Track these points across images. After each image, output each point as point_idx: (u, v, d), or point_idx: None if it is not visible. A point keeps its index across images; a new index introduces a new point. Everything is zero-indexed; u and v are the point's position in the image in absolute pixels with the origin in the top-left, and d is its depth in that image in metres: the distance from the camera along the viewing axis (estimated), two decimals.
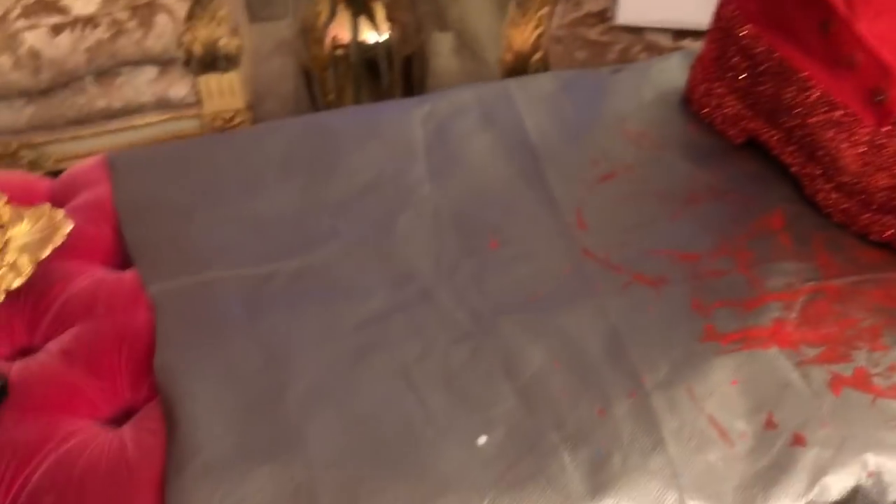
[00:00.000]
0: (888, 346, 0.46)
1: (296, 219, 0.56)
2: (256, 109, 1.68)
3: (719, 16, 0.60)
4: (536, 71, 1.01)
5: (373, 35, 1.18)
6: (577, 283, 0.50)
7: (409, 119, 0.65)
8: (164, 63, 1.07)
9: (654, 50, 0.98)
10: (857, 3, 0.51)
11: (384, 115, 0.66)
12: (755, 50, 0.57)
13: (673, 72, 0.68)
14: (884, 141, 0.51)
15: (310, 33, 1.22)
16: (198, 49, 1.07)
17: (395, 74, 1.24)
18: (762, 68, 0.57)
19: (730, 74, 0.60)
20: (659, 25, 0.98)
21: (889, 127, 0.51)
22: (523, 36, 1.01)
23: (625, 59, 0.97)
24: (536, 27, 1.00)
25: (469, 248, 0.53)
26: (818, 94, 0.54)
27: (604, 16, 1.00)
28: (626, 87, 0.67)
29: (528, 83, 0.69)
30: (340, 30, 1.18)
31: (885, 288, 0.49)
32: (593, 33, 0.98)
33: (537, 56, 1.01)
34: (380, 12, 1.20)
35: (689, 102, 0.64)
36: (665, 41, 0.99)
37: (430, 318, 0.49)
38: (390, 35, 1.19)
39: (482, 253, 0.53)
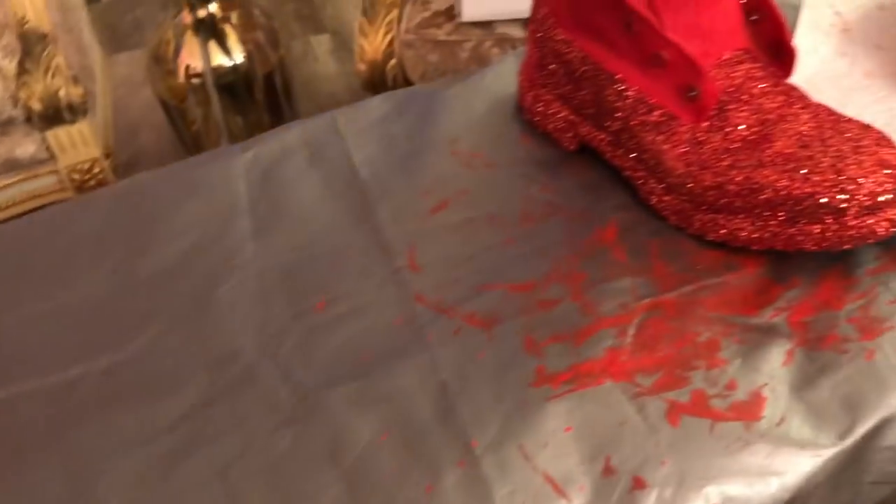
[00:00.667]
0: (726, 359, 0.44)
1: (107, 306, 0.51)
2: (130, 145, 1.61)
3: (534, 20, 0.58)
4: (394, 79, 0.98)
5: (227, 58, 1.13)
6: (407, 336, 0.48)
7: (231, 170, 0.61)
8: (2, 123, 1.00)
9: (507, 42, 0.95)
10: (659, 1, 0.49)
11: (205, 168, 0.61)
12: (570, 55, 0.55)
13: (506, 78, 0.65)
14: (703, 138, 0.49)
15: (161, 64, 1.16)
16: (36, 104, 1.00)
17: (257, 94, 1.20)
18: (580, 73, 0.54)
19: (552, 80, 0.57)
20: (505, 17, 0.95)
21: (706, 123, 0.49)
22: (374, 45, 0.98)
23: (477, 55, 0.94)
24: (386, 34, 0.96)
25: (295, 312, 0.50)
26: (634, 95, 0.51)
27: (452, 14, 0.97)
28: (458, 102, 0.64)
29: (357, 111, 0.65)
30: (191, 58, 1.13)
31: (721, 293, 0.47)
32: (442, 33, 0.95)
33: (392, 63, 0.98)
34: (231, 35, 1.15)
35: (522, 111, 0.62)
36: (517, 32, 0.96)
37: (252, 403, 0.45)
38: (245, 56, 1.14)
39: (309, 316, 0.50)
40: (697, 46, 0.49)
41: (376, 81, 0.98)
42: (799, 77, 0.62)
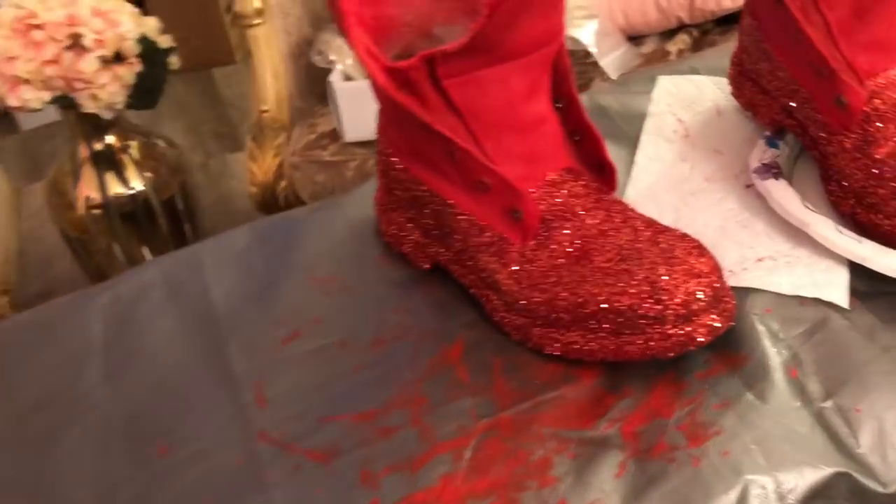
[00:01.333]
0: (557, 477, 0.44)
1: None
2: (41, 277, 1.58)
3: (378, 151, 0.60)
4: (286, 199, 1.00)
5: (125, 187, 1.14)
6: (246, 478, 0.47)
7: (88, 312, 0.61)
8: None
9: None
10: (476, 128, 0.51)
11: (63, 312, 0.61)
12: (409, 183, 0.56)
13: (366, 202, 0.67)
14: (532, 256, 0.51)
15: (60, 197, 1.16)
16: None
17: (159, 220, 1.20)
18: (420, 198, 0.56)
19: (401, 205, 0.59)
20: None
21: (533, 242, 0.51)
22: (264, 168, 1.00)
23: (362, 173, 0.96)
24: (275, 157, 0.99)
25: (137, 460, 0.49)
26: (467, 219, 0.53)
27: (336, 135, 1.00)
28: (319, 228, 0.66)
29: (220, 243, 0.66)
30: (89, 189, 1.14)
31: (557, 407, 0.48)
32: (328, 154, 0.98)
33: (283, 185, 1.00)
34: (129, 164, 1.16)
35: (380, 233, 0.63)
36: None
37: None
38: (144, 184, 1.15)
39: (151, 463, 0.49)
40: (521, 169, 0.52)
41: (268, 202, 0.99)
42: (642, 184, 0.65)
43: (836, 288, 0.52)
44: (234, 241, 0.66)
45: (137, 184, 1.14)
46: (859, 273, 0.52)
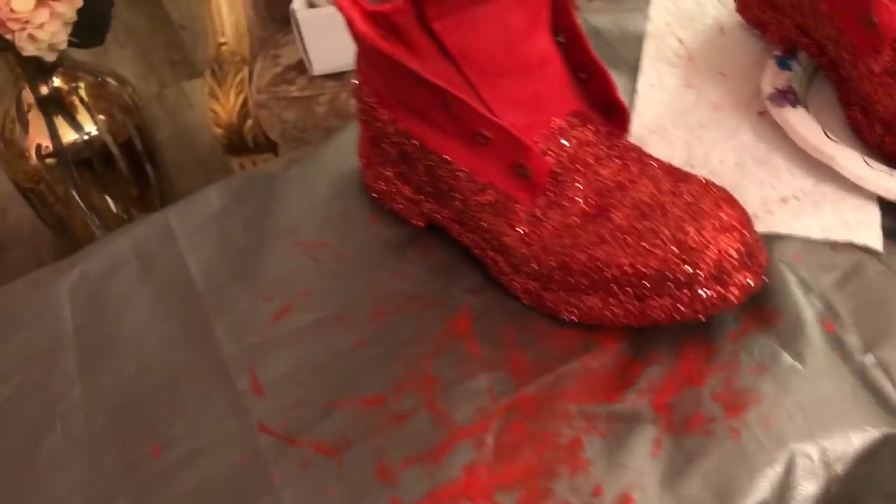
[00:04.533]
0: (590, 460, 0.41)
1: None
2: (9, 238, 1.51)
3: (358, 98, 0.54)
4: (255, 140, 0.93)
5: (78, 133, 1.06)
6: (250, 479, 0.43)
7: (54, 296, 0.55)
8: None
9: None
10: (472, 73, 0.45)
11: (26, 296, 0.56)
12: (397, 136, 0.51)
13: (348, 151, 0.61)
14: (542, 215, 0.46)
15: (9, 147, 1.08)
16: None
17: (119, 165, 1.13)
18: (410, 153, 0.51)
19: (389, 159, 0.54)
20: None
21: (543, 199, 0.46)
22: (227, 108, 0.93)
23: (335, 109, 0.90)
24: (238, 94, 0.91)
25: (128, 463, 0.45)
26: (465, 175, 0.48)
27: (304, 67, 0.92)
28: (299, 185, 0.60)
29: (191, 206, 0.60)
30: (39, 137, 1.06)
31: (581, 380, 0.44)
32: (296, 89, 0.91)
33: (249, 124, 0.93)
34: (80, 108, 1.08)
35: (366, 188, 0.58)
36: None
37: None
38: (98, 127, 1.07)
39: (143, 466, 0.45)
40: (523, 117, 0.46)
41: (236, 144, 0.93)
42: (647, 117, 0.60)
43: (867, 229, 0.48)
44: (207, 204, 0.60)
45: (91, 128, 1.06)
46: (892, 208, 0.49)
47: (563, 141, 0.47)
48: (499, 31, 0.45)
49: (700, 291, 0.42)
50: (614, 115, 0.49)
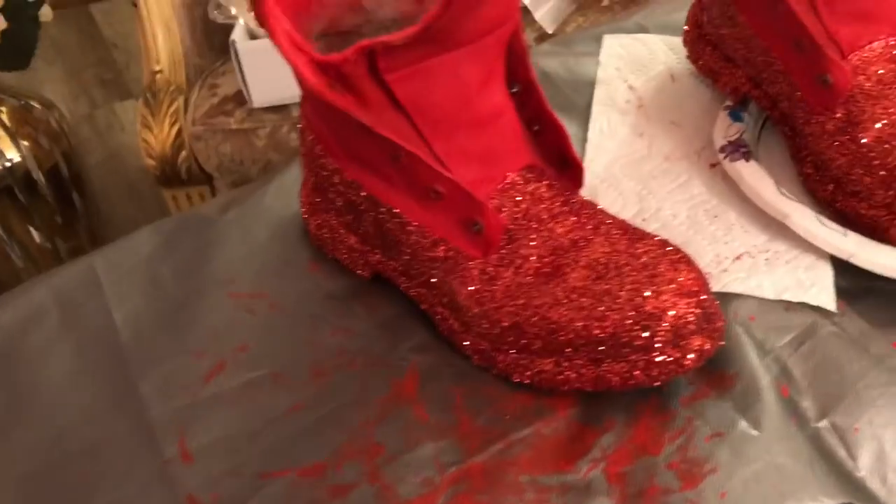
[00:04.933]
0: None
1: None
2: None
3: (303, 143, 0.51)
4: (189, 172, 0.89)
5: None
6: None
7: None
8: None
9: None
10: (425, 126, 0.43)
11: None
12: (343, 185, 0.49)
13: (290, 193, 0.58)
14: (494, 273, 0.44)
15: None
16: None
17: (43, 193, 1.08)
18: (358, 203, 0.49)
19: (333, 207, 0.51)
20: (299, 99, 0.88)
21: (496, 256, 0.44)
22: (160, 138, 0.89)
23: (275, 143, 0.87)
24: (172, 125, 0.88)
25: None
26: (416, 230, 0.46)
27: (242, 98, 0.89)
28: (236, 230, 0.57)
29: (119, 251, 0.57)
30: None
31: (533, 447, 0.42)
32: (234, 121, 0.87)
33: (183, 156, 0.89)
34: (1, 133, 1.03)
35: (309, 235, 0.55)
36: None
37: None
38: (22, 154, 1.02)
39: None
40: (476, 171, 0.45)
41: (169, 176, 0.89)
42: (599, 166, 0.58)
43: (821, 289, 0.47)
44: (136, 248, 0.57)
45: (13, 154, 1.01)
46: (845, 268, 0.48)
47: (518, 196, 0.45)
48: (453, 85, 0.43)
49: (656, 357, 0.41)
50: (568, 169, 0.48)
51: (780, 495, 0.40)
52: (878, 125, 0.48)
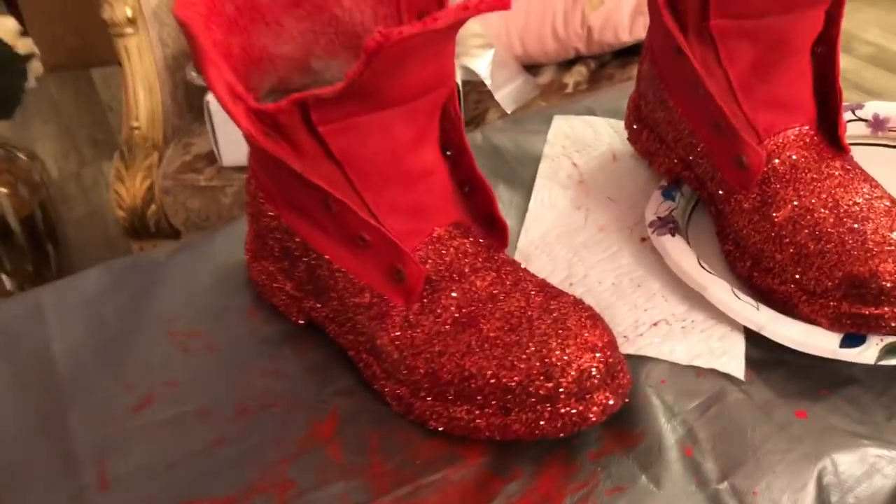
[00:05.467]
0: None
1: None
2: None
3: (247, 191, 0.54)
4: (157, 226, 0.92)
5: None
6: None
7: None
8: None
9: None
10: (357, 178, 0.46)
11: None
12: (280, 232, 0.51)
13: (237, 243, 0.60)
14: (415, 321, 0.46)
15: None
16: None
17: (17, 240, 1.10)
18: (292, 249, 0.51)
19: (272, 254, 0.53)
20: None
21: (417, 304, 0.46)
22: (132, 190, 0.92)
23: (240, 201, 0.90)
24: (145, 178, 0.91)
25: None
26: (343, 276, 0.48)
27: (214, 157, 0.92)
28: (181, 273, 0.59)
29: (68, 287, 0.58)
30: None
31: (438, 493, 0.43)
32: (203, 179, 0.91)
33: (153, 209, 0.92)
34: None
35: (251, 281, 0.57)
36: None
37: None
38: None
39: None
40: (405, 224, 0.47)
41: (138, 228, 0.91)
42: (535, 234, 0.61)
43: (732, 358, 0.49)
44: (84, 286, 0.58)
45: None
46: (756, 340, 0.50)
47: (443, 250, 0.47)
48: (385, 141, 0.46)
49: (561, 408, 0.43)
50: (495, 230, 0.50)
51: None
52: (789, 205, 0.51)
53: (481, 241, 0.49)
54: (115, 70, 2.30)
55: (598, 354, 0.43)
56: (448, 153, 0.50)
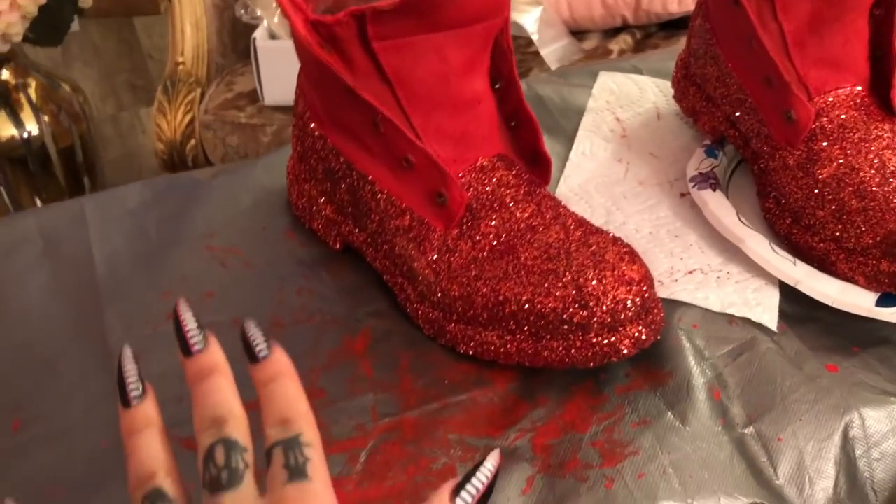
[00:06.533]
0: None
1: None
2: None
3: (295, 113, 0.54)
4: (195, 161, 0.93)
5: (18, 129, 1.05)
6: (111, 462, 0.41)
7: None
8: None
9: None
10: (406, 99, 0.46)
11: None
12: (326, 152, 0.51)
13: (279, 170, 0.61)
14: (453, 245, 0.47)
15: None
16: None
17: (55, 169, 1.11)
18: (336, 171, 0.51)
19: (315, 176, 0.54)
20: None
21: (457, 230, 0.47)
22: (173, 124, 0.93)
23: (279, 141, 0.91)
24: (186, 113, 0.92)
25: None
26: (385, 198, 0.48)
27: (256, 96, 0.93)
28: (221, 193, 0.60)
29: (110, 199, 0.59)
30: None
31: (466, 412, 0.44)
32: (244, 116, 0.91)
33: (191, 144, 0.93)
34: (25, 105, 1.07)
35: (290, 205, 0.58)
36: None
37: None
38: (40, 128, 1.06)
39: (1, 439, 0.43)
40: (449, 151, 0.47)
41: (175, 162, 0.92)
42: (575, 181, 0.61)
43: (765, 309, 0.49)
44: (126, 198, 0.59)
45: (33, 127, 1.05)
46: (790, 296, 0.50)
47: (485, 179, 0.48)
48: (437, 63, 0.46)
49: (593, 338, 0.43)
50: (538, 165, 0.51)
51: (696, 484, 0.41)
52: (835, 163, 0.51)
53: (524, 175, 0.49)
54: (157, 19, 2.31)
55: (634, 287, 0.43)
56: (497, 86, 0.50)
